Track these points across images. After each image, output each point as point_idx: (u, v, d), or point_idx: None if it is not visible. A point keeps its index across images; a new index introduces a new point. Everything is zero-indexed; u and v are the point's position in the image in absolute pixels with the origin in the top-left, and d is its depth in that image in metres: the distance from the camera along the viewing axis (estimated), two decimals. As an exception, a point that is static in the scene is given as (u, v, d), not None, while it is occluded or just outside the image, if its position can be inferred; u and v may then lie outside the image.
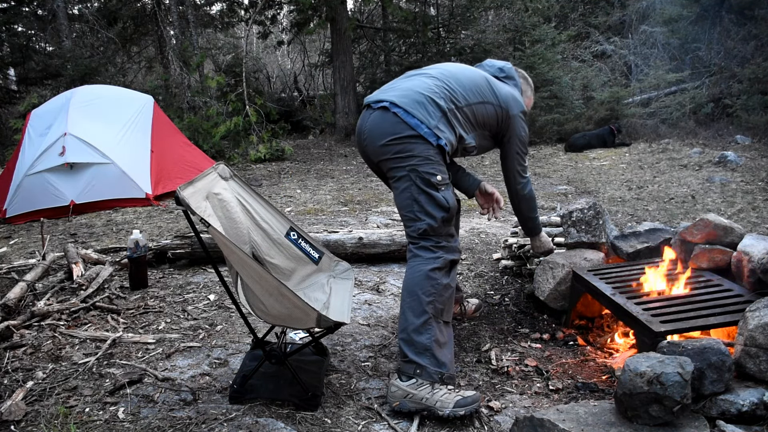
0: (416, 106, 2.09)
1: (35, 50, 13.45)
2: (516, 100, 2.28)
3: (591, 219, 2.83)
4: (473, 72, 2.29)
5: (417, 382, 1.90)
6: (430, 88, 2.14)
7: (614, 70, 12.21)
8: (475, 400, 1.91)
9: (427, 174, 2.03)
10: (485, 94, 2.22)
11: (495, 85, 2.26)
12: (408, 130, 2.06)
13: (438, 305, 1.98)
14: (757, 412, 1.67)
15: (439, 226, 2.04)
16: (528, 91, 2.52)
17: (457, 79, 2.21)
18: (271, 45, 17.44)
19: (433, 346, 1.93)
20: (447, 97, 2.13)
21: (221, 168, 2.16)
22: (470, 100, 2.18)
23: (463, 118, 2.17)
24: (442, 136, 2.07)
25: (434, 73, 2.22)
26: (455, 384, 1.95)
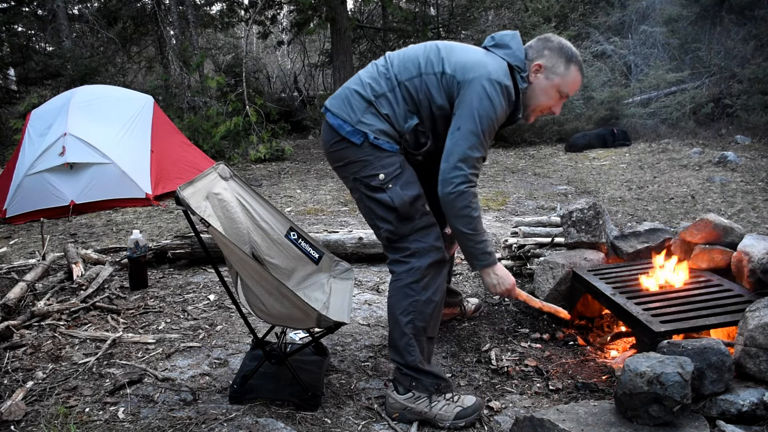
0: (340, 105, 1.91)
1: (35, 50, 13.46)
2: (478, 65, 1.81)
3: (591, 219, 2.83)
4: (421, 45, 1.97)
5: (414, 396, 1.88)
6: (359, 78, 1.94)
7: (614, 70, 12.20)
8: (476, 409, 1.89)
9: (368, 178, 1.87)
10: (424, 65, 1.86)
11: (448, 53, 1.88)
12: (334, 134, 1.91)
13: (419, 323, 1.86)
14: (757, 412, 1.67)
15: (398, 227, 1.87)
16: (558, 64, 1.91)
17: (399, 56, 1.94)
18: (271, 45, 17.44)
19: (419, 365, 1.87)
20: (377, 81, 1.88)
21: (221, 168, 2.16)
22: (403, 76, 1.87)
23: (401, 99, 1.87)
24: (368, 130, 1.85)
25: (384, 56, 1.99)
26: (453, 390, 1.93)
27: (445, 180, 1.80)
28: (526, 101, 1.96)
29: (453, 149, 1.79)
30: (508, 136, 10.13)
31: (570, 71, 1.91)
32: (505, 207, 5.33)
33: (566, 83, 1.93)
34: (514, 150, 9.61)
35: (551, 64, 1.91)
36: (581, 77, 1.95)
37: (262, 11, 12.78)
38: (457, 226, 1.84)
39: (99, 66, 11.25)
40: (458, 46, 1.94)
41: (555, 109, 2.00)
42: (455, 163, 1.78)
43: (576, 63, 1.92)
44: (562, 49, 1.92)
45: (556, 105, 1.99)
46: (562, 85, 1.93)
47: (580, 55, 1.95)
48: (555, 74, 1.92)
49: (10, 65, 12.91)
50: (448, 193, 1.80)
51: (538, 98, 1.95)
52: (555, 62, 1.91)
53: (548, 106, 1.98)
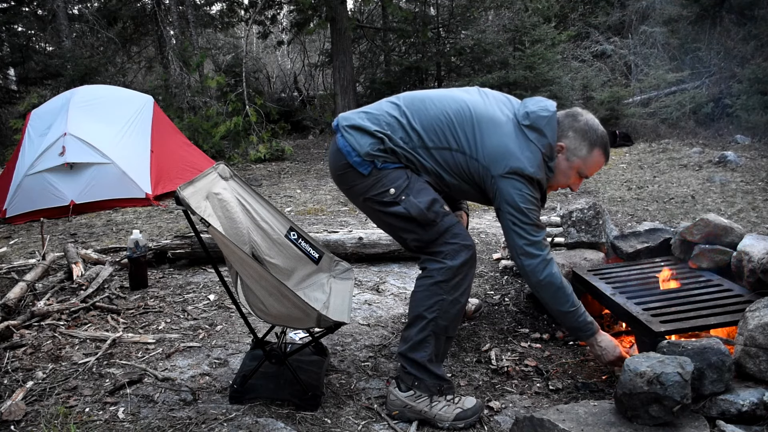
0: (353, 132, 1.88)
1: (35, 50, 13.47)
2: (507, 156, 1.81)
3: (591, 219, 2.83)
4: (450, 101, 1.91)
5: (415, 394, 1.88)
6: (380, 118, 1.90)
7: (614, 70, 12.21)
8: (476, 411, 1.89)
9: (378, 195, 1.86)
10: (455, 141, 1.86)
11: (482, 136, 1.84)
12: (341, 157, 1.89)
13: (441, 322, 1.86)
14: (757, 412, 1.67)
15: (423, 235, 1.86)
16: (581, 147, 1.90)
17: (425, 115, 1.89)
18: (271, 45, 17.43)
19: (427, 364, 1.87)
20: (396, 132, 1.87)
21: (221, 168, 2.16)
22: (432, 144, 1.87)
23: (424, 159, 1.89)
24: (377, 159, 1.85)
25: (403, 111, 1.92)
26: (454, 392, 1.92)
27: (528, 273, 1.88)
28: (553, 172, 1.96)
29: (516, 243, 1.86)
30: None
31: (592, 155, 1.92)
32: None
33: (587, 166, 1.94)
34: (514, 150, 9.59)
35: (574, 146, 1.91)
36: (605, 160, 1.96)
37: (262, 11, 12.78)
38: (557, 308, 1.92)
39: (99, 66, 11.25)
40: (492, 124, 1.86)
41: (573, 186, 2.01)
42: (529, 252, 1.85)
43: (600, 146, 1.92)
44: (587, 132, 1.90)
45: (574, 183, 1.99)
46: (582, 167, 1.94)
47: (606, 136, 1.93)
48: (576, 156, 1.92)
49: (10, 65, 12.92)
50: (536, 284, 1.89)
51: (557, 178, 1.96)
52: (578, 145, 1.91)
53: (565, 185, 2.00)
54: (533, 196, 1.83)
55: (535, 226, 1.84)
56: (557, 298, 1.89)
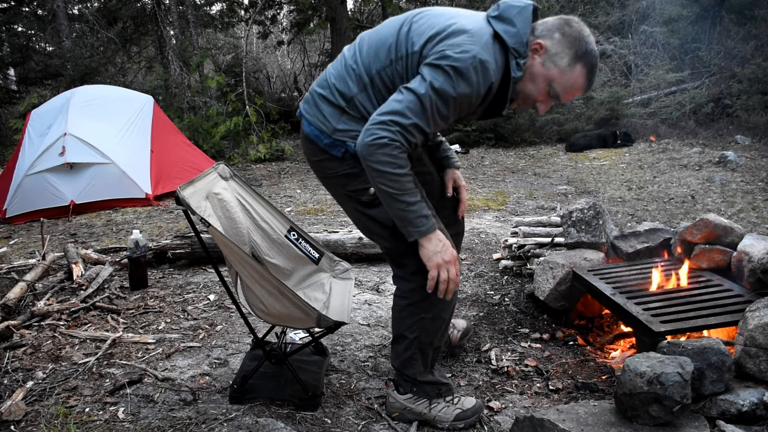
0: (314, 112, 1.70)
1: (35, 50, 13.47)
2: (447, 34, 1.51)
3: (591, 219, 2.83)
4: (397, 19, 1.66)
5: (414, 397, 1.88)
6: (326, 77, 1.70)
7: (614, 70, 12.20)
8: (476, 411, 1.88)
9: (357, 192, 1.70)
10: (395, 48, 1.59)
11: (419, 24, 1.58)
12: (313, 145, 1.73)
13: (424, 339, 1.79)
14: (757, 412, 1.67)
15: (395, 244, 1.70)
16: (562, 55, 1.56)
17: (371, 39, 1.66)
18: (271, 45, 17.44)
19: (418, 376, 1.85)
20: (344, 81, 1.65)
21: (221, 168, 2.16)
22: (375, 66, 1.61)
23: (378, 93, 1.62)
24: (347, 137, 1.64)
25: (355, 41, 1.71)
26: (453, 393, 1.91)
27: (366, 130, 1.50)
28: (528, 75, 1.61)
29: (389, 103, 1.51)
30: (508, 136, 10.13)
31: (573, 70, 1.57)
32: (505, 207, 5.32)
33: (562, 81, 1.58)
34: (514, 150, 9.61)
35: (555, 51, 1.57)
36: (584, 83, 1.60)
37: (262, 11, 12.78)
38: (381, 186, 1.53)
39: (99, 66, 11.26)
40: (436, 12, 1.60)
41: (540, 105, 1.65)
42: (384, 117, 1.49)
43: (585, 64, 1.58)
44: (577, 41, 1.56)
45: (541, 101, 1.65)
46: (557, 80, 1.58)
47: (597, 57, 1.59)
48: (554, 64, 1.57)
49: (10, 65, 12.91)
50: (366, 144, 1.49)
51: (524, 83, 1.62)
52: (560, 50, 1.56)
53: (532, 98, 1.64)
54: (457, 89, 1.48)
55: (421, 109, 1.49)
56: (383, 174, 1.52)
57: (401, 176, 1.52)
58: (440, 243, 1.59)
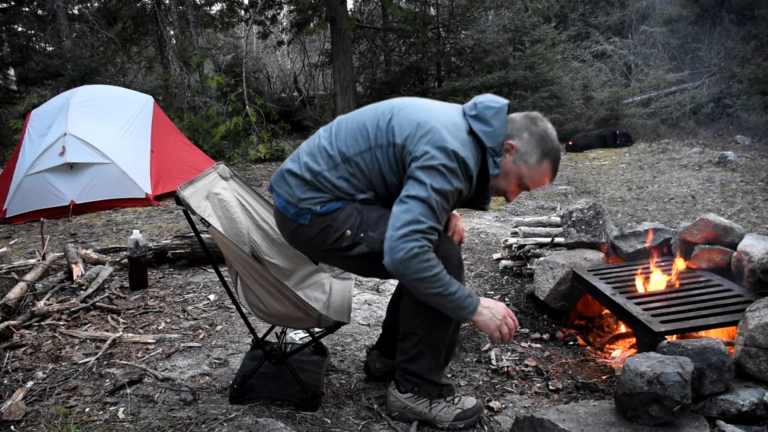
0: (281, 184, 1.80)
1: (35, 50, 13.46)
2: (427, 131, 1.62)
3: (591, 219, 2.83)
4: (373, 107, 1.78)
5: (414, 397, 1.88)
6: (298, 154, 1.82)
7: (614, 70, 12.21)
8: (476, 411, 1.88)
9: (336, 242, 1.73)
10: (374, 136, 1.69)
11: (400, 117, 1.68)
12: (282, 217, 1.81)
13: (435, 334, 1.80)
14: (757, 412, 1.67)
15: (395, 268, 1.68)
16: (532, 153, 1.74)
17: (348, 125, 1.77)
18: (271, 45, 17.44)
19: (425, 374, 1.84)
20: (315, 158, 1.75)
21: (221, 168, 2.16)
22: (351, 151, 1.70)
23: (349, 175, 1.72)
24: (312, 204, 1.73)
25: (331, 124, 1.84)
26: (454, 393, 1.91)
27: (391, 249, 1.57)
28: (498, 176, 1.77)
29: (399, 216, 1.58)
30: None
31: (541, 166, 1.75)
32: (505, 207, 5.32)
33: (532, 176, 1.76)
34: (514, 150, 9.60)
35: (524, 150, 1.74)
36: (551, 176, 1.79)
37: (262, 11, 12.78)
38: (426, 291, 1.61)
39: (99, 66, 11.25)
40: (415, 105, 1.72)
41: (510, 195, 1.83)
42: (403, 230, 1.56)
43: (551, 159, 1.76)
44: (543, 140, 1.75)
45: (511, 192, 1.82)
46: (526, 176, 1.76)
47: (559, 152, 1.79)
48: (524, 162, 1.75)
49: (10, 65, 12.91)
50: (399, 261, 1.56)
51: (497, 178, 1.78)
52: (530, 150, 1.74)
53: (503, 190, 1.82)
54: (449, 177, 1.59)
55: (430, 211, 1.58)
56: (422, 281, 1.60)
57: (439, 274, 1.60)
58: (488, 309, 1.69)
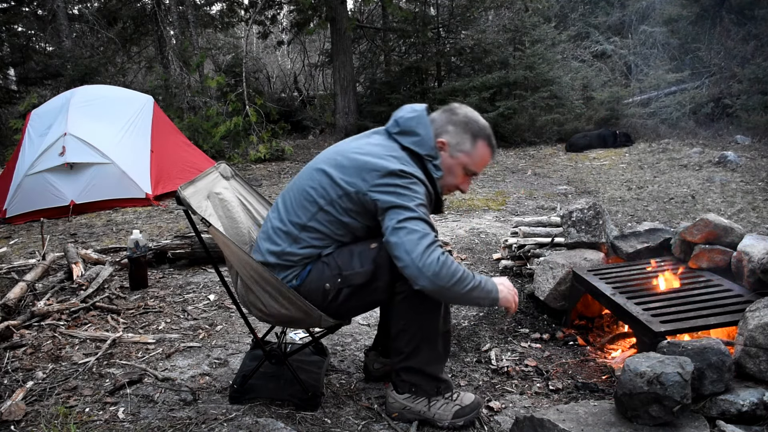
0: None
1: (35, 50, 13.47)
2: (370, 169, 1.67)
3: (591, 219, 2.83)
4: (306, 172, 1.83)
5: (412, 397, 1.87)
6: (258, 245, 1.90)
7: (614, 70, 12.22)
8: (474, 408, 1.87)
9: (326, 302, 1.78)
10: (319, 197, 1.74)
11: (339, 169, 1.73)
12: None
13: (427, 327, 1.80)
14: (757, 412, 1.67)
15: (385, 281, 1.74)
16: (463, 141, 1.78)
17: (291, 197, 1.82)
18: (271, 45, 17.44)
19: (425, 367, 1.83)
20: (275, 241, 1.81)
21: (222, 167, 2.16)
22: (304, 218, 1.76)
23: (311, 239, 1.78)
24: (289, 282, 1.80)
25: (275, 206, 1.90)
26: (452, 390, 1.91)
27: (421, 269, 1.58)
28: (440, 175, 1.81)
29: (406, 241, 1.59)
30: (508, 136, 10.13)
31: (477, 149, 1.79)
32: (505, 207, 5.33)
33: (473, 161, 1.81)
34: (514, 150, 9.61)
35: (456, 141, 1.79)
36: (491, 151, 1.83)
37: (262, 11, 12.78)
38: (462, 291, 1.63)
39: (99, 66, 11.25)
40: (344, 153, 1.76)
41: (462, 186, 1.87)
42: (418, 248, 1.58)
43: (484, 137, 1.80)
44: (468, 123, 1.79)
45: (462, 183, 1.86)
46: (468, 163, 1.80)
47: (488, 128, 1.82)
48: (460, 152, 1.79)
49: (10, 65, 12.92)
50: (433, 275, 1.58)
51: (447, 172, 1.81)
52: (460, 139, 1.78)
53: (454, 185, 1.86)
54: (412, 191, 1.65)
55: (420, 218, 1.63)
56: (455, 285, 1.62)
57: (465, 271, 1.64)
58: (503, 285, 1.76)
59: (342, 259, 1.76)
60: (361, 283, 1.75)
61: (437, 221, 4.83)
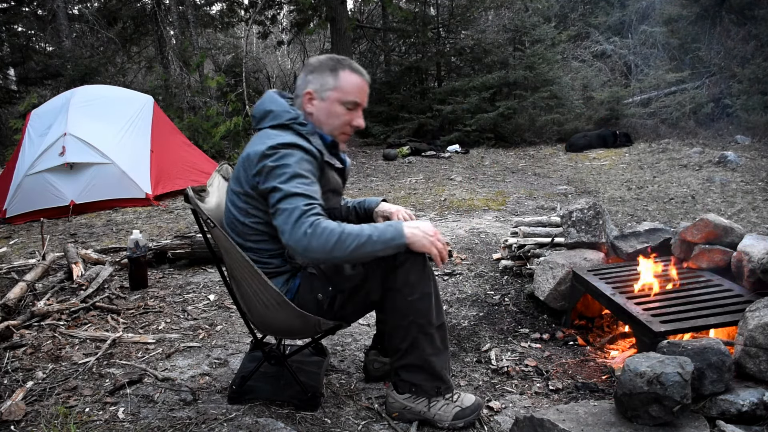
0: None
1: (35, 50, 13.48)
2: (248, 164, 1.72)
3: (591, 219, 2.83)
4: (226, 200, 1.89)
5: (413, 397, 1.86)
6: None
7: (614, 70, 12.23)
8: (475, 409, 1.86)
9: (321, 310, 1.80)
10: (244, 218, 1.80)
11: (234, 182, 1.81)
12: None
13: (420, 320, 1.78)
14: (757, 412, 1.67)
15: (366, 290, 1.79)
16: (325, 80, 1.80)
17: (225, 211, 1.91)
18: (271, 45, 17.45)
19: (424, 363, 1.81)
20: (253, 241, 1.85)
21: (225, 168, 2.16)
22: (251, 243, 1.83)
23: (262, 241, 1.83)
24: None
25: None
26: (452, 390, 1.89)
27: (295, 243, 1.57)
28: (322, 131, 1.83)
29: (283, 223, 1.60)
30: (508, 135, 10.14)
31: (341, 79, 1.79)
32: (505, 207, 5.33)
33: (345, 91, 1.80)
34: (514, 150, 9.61)
35: (319, 84, 1.81)
36: (359, 77, 1.82)
37: (262, 11, 12.79)
38: (347, 252, 1.58)
39: (99, 66, 11.25)
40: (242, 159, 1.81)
41: (356, 122, 1.86)
42: (288, 226, 1.58)
43: (345, 66, 1.80)
44: (323, 63, 1.82)
45: (353, 117, 1.85)
46: (341, 97, 1.80)
47: (346, 58, 1.84)
48: (328, 90, 1.80)
49: (10, 65, 12.92)
50: (305, 247, 1.56)
51: (328, 122, 1.83)
52: (322, 80, 1.80)
53: (346, 123, 1.85)
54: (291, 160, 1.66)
55: (296, 187, 1.62)
56: (338, 246, 1.57)
57: (344, 231, 1.59)
58: (416, 228, 1.68)
59: (328, 265, 1.77)
60: (354, 285, 1.75)
61: (438, 222, 4.84)
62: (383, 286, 1.78)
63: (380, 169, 8.44)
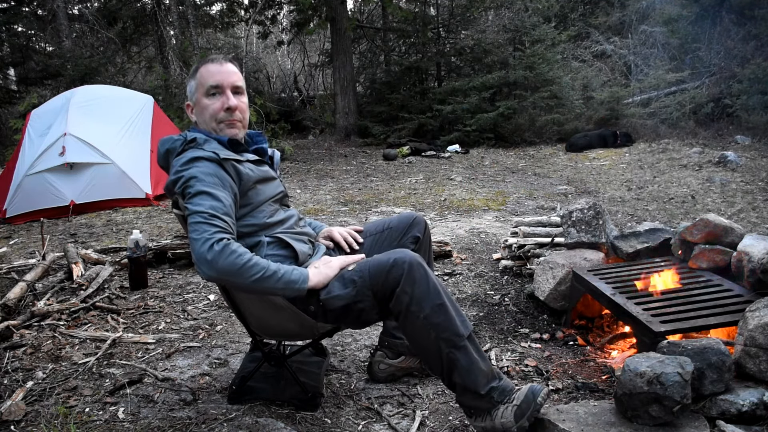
0: None
1: (35, 50, 13.48)
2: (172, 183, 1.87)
3: (591, 219, 2.83)
4: None
5: (477, 418, 1.72)
6: None
7: (614, 70, 12.22)
8: (529, 401, 1.66)
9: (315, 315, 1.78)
10: None
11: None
12: None
13: (444, 334, 1.66)
14: (757, 412, 1.67)
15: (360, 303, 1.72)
16: (191, 85, 1.93)
17: None
18: (271, 45, 17.44)
19: (467, 382, 1.67)
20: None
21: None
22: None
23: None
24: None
25: None
26: (508, 388, 1.71)
27: (199, 261, 1.59)
28: (210, 133, 1.91)
29: (192, 241, 1.62)
30: (508, 136, 10.14)
31: (198, 75, 1.90)
32: (505, 207, 5.33)
33: (203, 83, 1.88)
34: (514, 150, 9.61)
35: (189, 92, 1.94)
36: (215, 63, 1.90)
37: (262, 11, 12.79)
38: (249, 281, 1.60)
39: (99, 66, 11.26)
40: None
41: (227, 103, 1.88)
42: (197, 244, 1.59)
43: (202, 63, 1.91)
44: (190, 73, 1.96)
45: (219, 101, 1.88)
46: (202, 89, 1.88)
47: (212, 56, 1.96)
48: (194, 93, 1.92)
49: (10, 65, 12.92)
50: (209, 264, 1.57)
51: (203, 120, 1.91)
52: (189, 87, 1.94)
53: (217, 111, 1.88)
54: (192, 172, 1.78)
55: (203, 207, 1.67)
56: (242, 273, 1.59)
57: (251, 259, 1.61)
58: (317, 269, 1.75)
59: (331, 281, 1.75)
60: (342, 306, 1.70)
61: (438, 222, 4.84)
62: (392, 311, 1.70)
63: (380, 169, 8.44)
